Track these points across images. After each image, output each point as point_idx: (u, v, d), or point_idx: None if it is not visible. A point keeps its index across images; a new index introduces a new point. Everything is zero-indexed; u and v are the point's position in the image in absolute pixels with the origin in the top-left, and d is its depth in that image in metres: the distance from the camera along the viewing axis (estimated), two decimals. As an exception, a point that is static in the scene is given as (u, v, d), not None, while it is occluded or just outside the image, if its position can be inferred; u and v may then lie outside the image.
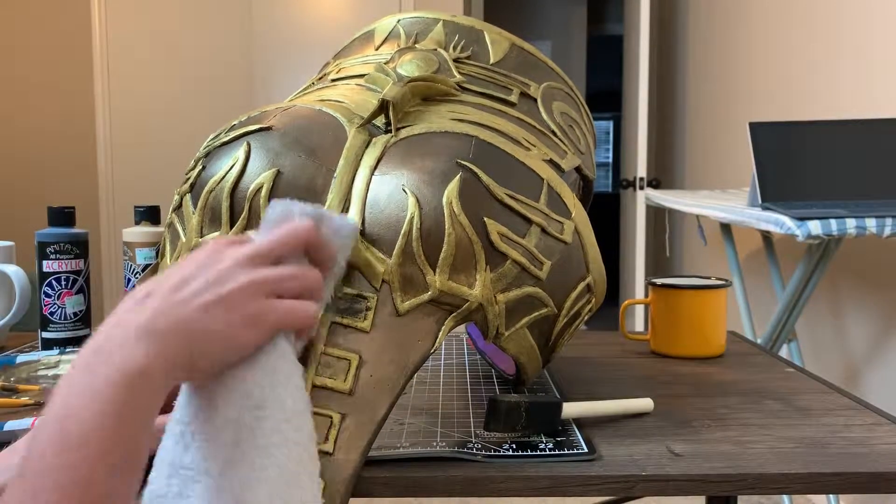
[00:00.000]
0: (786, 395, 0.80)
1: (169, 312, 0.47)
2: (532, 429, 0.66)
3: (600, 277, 0.69)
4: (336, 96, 0.72)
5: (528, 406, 0.65)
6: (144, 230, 0.96)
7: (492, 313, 0.62)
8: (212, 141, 0.69)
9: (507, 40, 0.79)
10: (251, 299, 0.50)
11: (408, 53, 0.75)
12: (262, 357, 0.50)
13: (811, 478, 0.59)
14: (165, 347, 0.46)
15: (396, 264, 0.60)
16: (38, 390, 0.79)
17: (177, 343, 0.46)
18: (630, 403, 0.73)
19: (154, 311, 0.47)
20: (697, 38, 3.57)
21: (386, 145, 0.65)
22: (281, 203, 0.55)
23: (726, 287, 0.95)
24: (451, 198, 0.61)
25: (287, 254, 0.53)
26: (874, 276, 2.01)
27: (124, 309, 0.48)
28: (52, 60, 3.62)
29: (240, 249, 0.52)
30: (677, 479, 0.59)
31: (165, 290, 0.48)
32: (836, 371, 2.20)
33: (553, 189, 0.67)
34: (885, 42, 1.94)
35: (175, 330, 0.46)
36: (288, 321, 0.51)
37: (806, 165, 1.65)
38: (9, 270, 0.96)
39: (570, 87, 0.82)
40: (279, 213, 0.55)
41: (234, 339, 0.49)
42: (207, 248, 0.52)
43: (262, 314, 0.50)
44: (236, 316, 0.49)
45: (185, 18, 3.59)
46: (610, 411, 0.72)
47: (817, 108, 2.32)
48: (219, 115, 3.59)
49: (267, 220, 0.55)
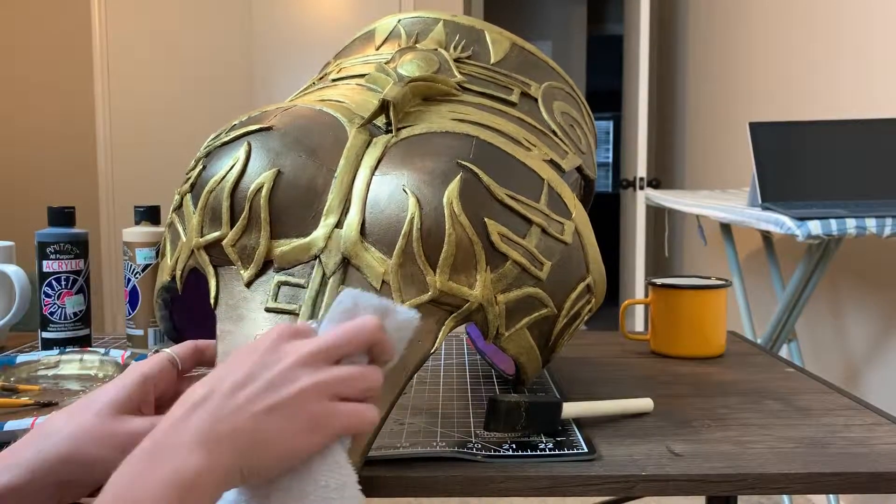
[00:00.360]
0: (786, 395, 0.80)
1: (227, 419, 0.45)
2: (532, 429, 0.66)
3: (600, 278, 0.69)
4: (337, 96, 0.72)
5: (527, 406, 0.65)
6: (144, 230, 0.96)
7: (492, 314, 0.62)
8: (212, 141, 0.69)
9: (508, 40, 0.79)
10: (314, 402, 0.47)
11: (408, 53, 0.75)
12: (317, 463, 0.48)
13: (811, 478, 0.59)
14: (221, 456, 0.44)
15: (397, 264, 0.60)
16: (38, 390, 0.79)
17: (233, 452, 0.44)
18: (630, 403, 0.73)
19: (212, 416, 0.44)
20: (697, 38, 3.57)
21: (386, 145, 0.65)
22: (350, 294, 0.52)
23: (726, 287, 0.95)
24: (452, 198, 0.61)
25: (351, 352, 0.50)
26: (874, 276, 2.01)
27: (182, 411, 0.45)
28: (52, 60, 3.62)
29: (303, 345, 0.49)
30: (677, 479, 0.59)
31: (225, 390, 0.46)
32: (836, 371, 2.20)
33: (553, 189, 0.67)
34: (885, 42, 1.94)
35: (232, 438, 0.44)
36: (352, 426, 0.49)
37: (806, 165, 1.65)
38: (9, 270, 0.96)
39: (570, 87, 0.82)
40: (348, 305, 0.51)
41: (294, 445, 0.46)
42: (270, 338, 0.49)
43: (326, 419, 0.48)
44: (298, 422, 0.46)
45: (185, 18, 3.59)
46: (610, 411, 0.72)
47: (817, 108, 2.32)
48: (219, 115, 3.59)
49: (334, 311, 0.52)
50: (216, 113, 3.60)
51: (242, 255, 0.63)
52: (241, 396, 0.46)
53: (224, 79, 3.60)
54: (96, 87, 3.60)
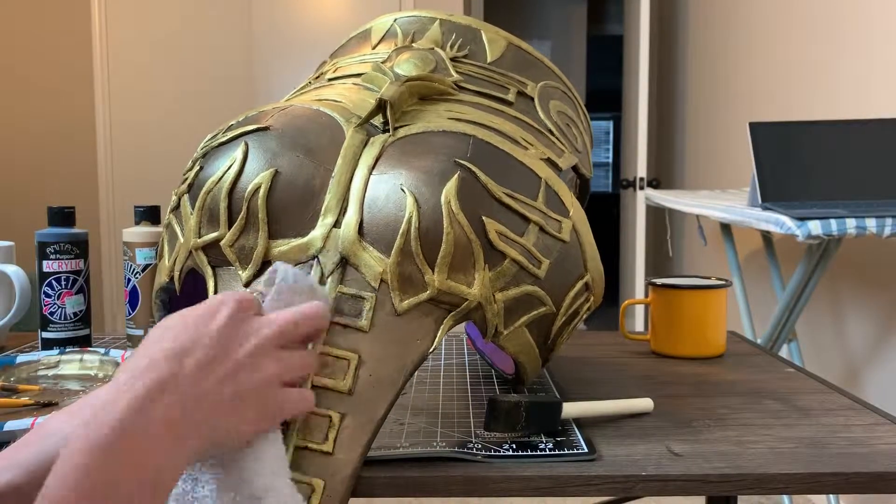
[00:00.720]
0: (786, 395, 0.80)
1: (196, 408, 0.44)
2: (532, 429, 0.66)
3: (598, 276, 0.69)
4: (333, 96, 0.71)
5: (527, 406, 0.65)
6: (144, 230, 0.95)
7: (490, 312, 0.62)
8: (209, 141, 0.69)
9: (505, 39, 0.79)
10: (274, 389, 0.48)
11: (405, 52, 0.75)
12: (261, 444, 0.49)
13: (811, 478, 0.59)
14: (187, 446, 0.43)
15: (395, 263, 0.60)
16: (38, 390, 0.79)
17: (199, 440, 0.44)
18: (630, 403, 0.73)
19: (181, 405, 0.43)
20: (697, 38, 3.57)
21: (384, 145, 0.65)
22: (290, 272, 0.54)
23: (726, 287, 0.95)
24: (450, 197, 0.61)
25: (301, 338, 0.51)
26: (874, 276, 2.01)
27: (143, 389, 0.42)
28: (52, 61, 3.62)
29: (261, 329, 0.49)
30: (677, 479, 0.59)
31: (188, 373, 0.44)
32: (836, 371, 2.20)
33: (551, 188, 0.66)
34: (886, 42, 1.94)
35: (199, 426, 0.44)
36: (298, 411, 0.50)
37: (806, 165, 1.65)
38: (9, 270, 0.96)
39: (566, 86, 0.82)
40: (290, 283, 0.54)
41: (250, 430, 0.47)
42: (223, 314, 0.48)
43: (280, 406, 0.48)
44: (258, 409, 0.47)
45: (185, 19, 3.59)
46: (610, 411, 0.72)
47: (817, 108, 2.32)
48: (219, 115, 3.59)
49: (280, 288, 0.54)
50: (216, 113, 3.60)
51: (240, 256, 0.63)
52: (208, 383, 0.45)
53: (224, 79, 3.60)
54: (96, 88, 3.60)
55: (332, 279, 0.61)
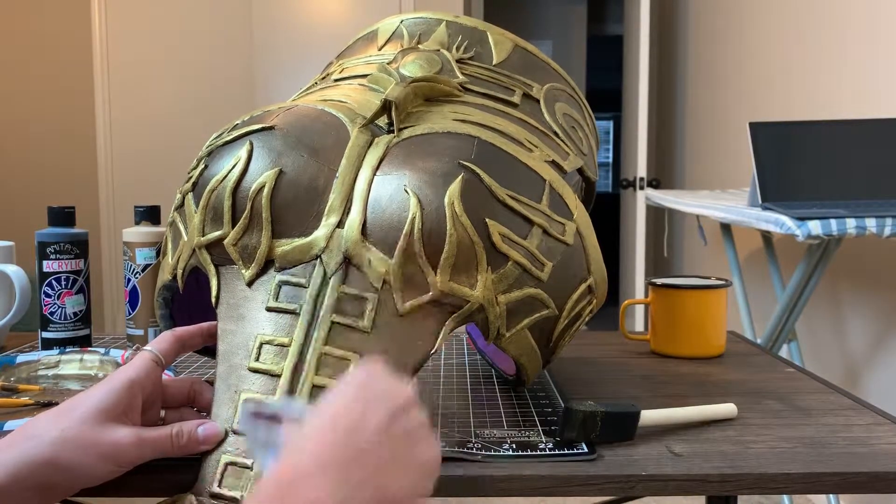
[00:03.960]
0: (786, 395, 0.80)
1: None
2: (607, 437, 0.65)
3: (602, 279, 0.69)
4: (339, 96, 0.72)
5: (604, 415, 0.64)
6: (144, 230, 0.96)
7: (493, 314, 0.62)
8: (214, 140, 0.69)
9: (511, 41, 0.79)
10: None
11: (411, 54, 0.75)
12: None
13: (811, 478, 0.59)
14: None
15: (398, 264, 0.60)
16: (38, 390, 0.79)
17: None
18: (713, 409, 0.70)
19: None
20: (697, 38, 3.57)
21: (388, 145, 0.65)
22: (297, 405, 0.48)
23: (726, 287, 0.95)
24: (453, 198, 0.61)
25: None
26: (874, 276, 2.01)
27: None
28: (52, 61, 3.62)
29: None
30: (677, 479, 0.59)
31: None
32: (836, 371, 2.20)
33: (555, 190, 0.67)
34: (886, 42, 1.94)
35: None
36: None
37: (806, 165, 1.65)
38: (9, 270, 0.96)
39: (572, 89, 0.82)
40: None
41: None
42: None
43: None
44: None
45: (185, 19, 3.59)
46: (691, 418, 0.69)
47: (817, 108, 2.32)
48: (219, 116, 3.59)
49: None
50: (216, 113, 3.60)
51: (244, 255, 0.63)
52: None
53: (224, 79, 3.60)
54: (96, 88, 3.60)
55: (334, 279, 0.61)
